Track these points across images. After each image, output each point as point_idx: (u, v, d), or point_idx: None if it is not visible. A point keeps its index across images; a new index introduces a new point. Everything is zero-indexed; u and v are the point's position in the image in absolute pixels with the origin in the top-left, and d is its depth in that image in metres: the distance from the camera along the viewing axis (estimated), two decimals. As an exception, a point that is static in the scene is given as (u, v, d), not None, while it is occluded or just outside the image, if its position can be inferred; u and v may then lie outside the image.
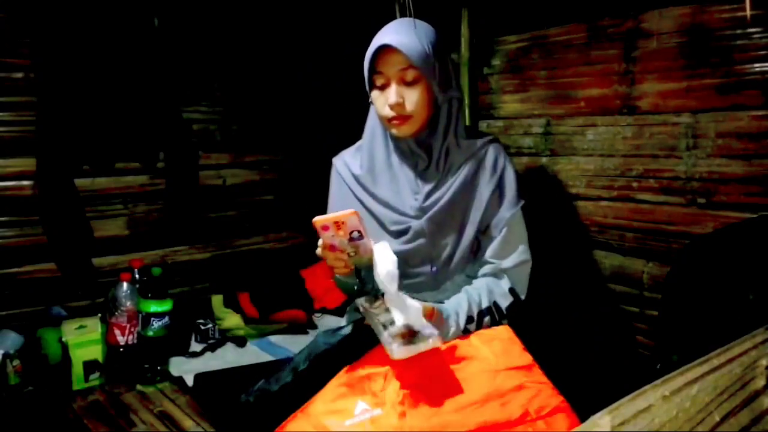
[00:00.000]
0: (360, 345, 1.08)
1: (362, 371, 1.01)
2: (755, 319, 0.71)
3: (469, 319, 1.13)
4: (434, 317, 1.06)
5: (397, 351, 0.93)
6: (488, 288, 1.19)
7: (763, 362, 0.62)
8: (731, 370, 0.58)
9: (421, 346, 0.95)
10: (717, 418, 0.55)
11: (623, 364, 1.51)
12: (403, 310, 0.99)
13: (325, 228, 0.98)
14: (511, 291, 1.19)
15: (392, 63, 1.12)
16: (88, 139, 1.78)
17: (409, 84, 1.13)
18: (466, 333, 1.13)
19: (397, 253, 1.22)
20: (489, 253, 1.21)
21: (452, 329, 1.11)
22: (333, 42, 2.16)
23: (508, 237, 1.20)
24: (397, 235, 1.23)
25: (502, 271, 1.21)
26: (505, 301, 1.18)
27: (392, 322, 0.98)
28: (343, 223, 0.97)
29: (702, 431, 0.53)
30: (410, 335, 0.96)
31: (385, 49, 1.12)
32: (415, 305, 1.01)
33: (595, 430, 0.47)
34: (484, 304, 1.16)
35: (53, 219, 1.73)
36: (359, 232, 0.98)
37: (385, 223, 1.24)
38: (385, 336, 0.96)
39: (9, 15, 1.62)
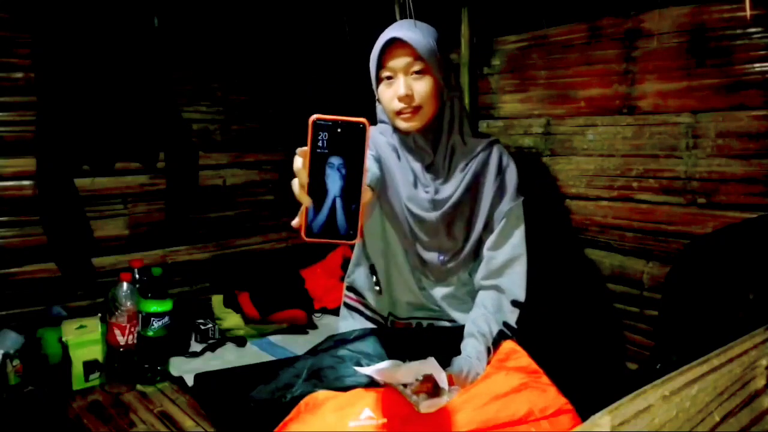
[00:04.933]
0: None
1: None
2: (755, 319, 0.71)
3: (488, 351, 1.13)
4: (455, 382, 1.06)
5: (423, 406, 0.96)
6: (495, 307, 1.20)
7: (763, 362, 0.62)
8: (731, 370, 0.58)
9: (445, 399, 0.98)
10: (717, 418, 0.55)
11: (623, 364, 1.51)
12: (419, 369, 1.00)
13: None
14: (514, 303, 1.20)
15: (399, 56, 1.13)
16: (88, 139, 1.78)
17: (416, 76, 1.14)
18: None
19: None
20: (486, 244, 1.22)
21: (475, 374, 1.09)
22: (333, 42, 2.16)
23: (504, 229, 1.22)
24: (410, 227, 1.24)
25: (498, 273, 1.21)
26: (513, 316, 1.19)
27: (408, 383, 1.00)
28: None
29: (702, 431, 0.53)
30: (433, 389, 0.98)
31: (392, 44, 1.13)
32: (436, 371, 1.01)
33: (595, 430, 0.47)
34: (495, 330, 1.17)
35: (53, 219, 1.73)
36: None
37: (397, 214, 1.25)
38: (408, 393, 0.98)
39: (10, 15, 1.62)
